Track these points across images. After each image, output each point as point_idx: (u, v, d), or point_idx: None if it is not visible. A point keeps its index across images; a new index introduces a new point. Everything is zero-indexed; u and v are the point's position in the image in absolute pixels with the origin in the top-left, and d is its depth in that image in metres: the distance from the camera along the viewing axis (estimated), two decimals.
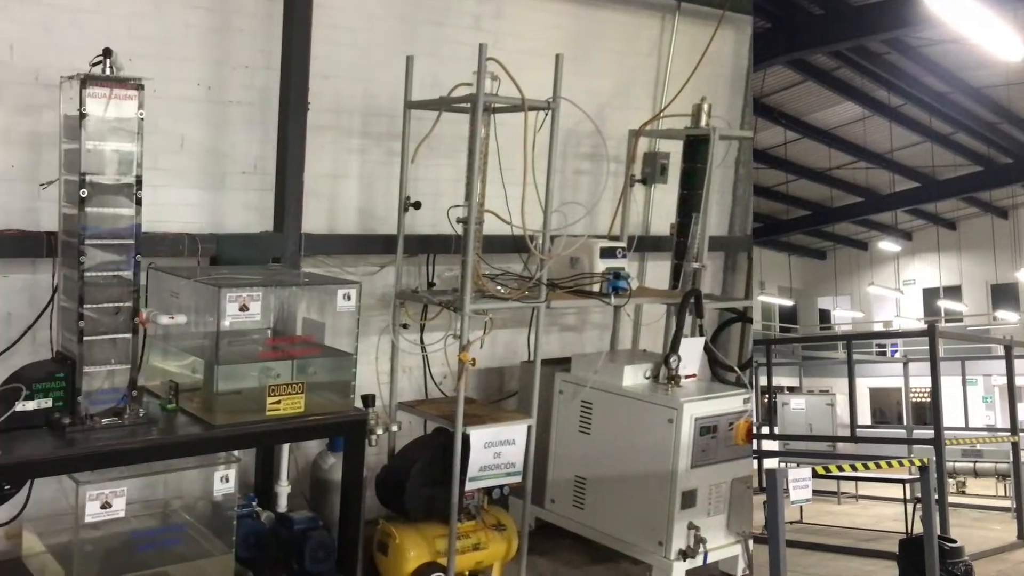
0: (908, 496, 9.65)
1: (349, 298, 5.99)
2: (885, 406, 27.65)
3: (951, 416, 14.41)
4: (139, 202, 5.32)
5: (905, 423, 15.67)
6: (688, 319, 7.51)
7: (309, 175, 7.00)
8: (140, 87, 5.25)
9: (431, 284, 7.69)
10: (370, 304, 7.57)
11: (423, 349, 7.63)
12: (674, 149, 8.43)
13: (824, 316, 33.48)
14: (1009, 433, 11.69)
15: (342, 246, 7.40)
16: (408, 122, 7.03)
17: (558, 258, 7.15)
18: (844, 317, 32.13)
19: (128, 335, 5.41)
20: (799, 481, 6.09)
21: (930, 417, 10.69)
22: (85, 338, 5.24)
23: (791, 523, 10.35)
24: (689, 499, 6.98)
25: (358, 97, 7.49)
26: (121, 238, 5.31)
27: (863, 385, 23.46)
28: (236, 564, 5.94)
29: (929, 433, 10.35)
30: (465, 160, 6.75)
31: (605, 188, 8.60)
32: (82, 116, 5.06)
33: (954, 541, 7.65)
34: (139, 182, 5.32)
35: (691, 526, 6.98)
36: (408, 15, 7.66)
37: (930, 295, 30.56)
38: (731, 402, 7.26)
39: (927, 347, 9.81)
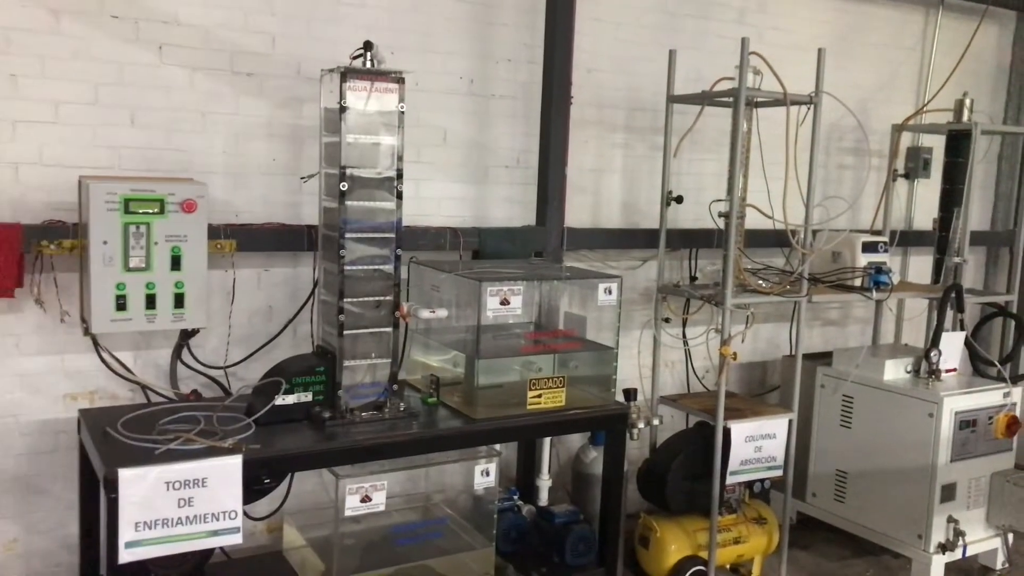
0: None
1: (610, 292, 5.58)
2: None
3: None
4: (400, 195, 4.98)
5: None
6: (949, 314, 7.02)
7: (572, 169, 6.59)
8: (401, 80, 4.90)
9: (693, 278, 7.26)
10: (632, 298, 7.17)
11: (685, 343, 7.21)
12: (937, 144, 7.91)
13: None
14: None
15: (604, 240, 6.96)
16: (670, 116, 6.57)
17: (820, 253, 6.73)
18: None
19: (388, 329, 5.08)
20: None
21: None
22: (345, 332, 4.93)
23: None
24: (948, 492, 6.57)
25: (621, 91, 7.03)
26: (382, 232, 4.99)
27: None
28: (497, 557, 5.63)
29: None
30: (727, 154, 6.32)
31: (867, 182, 8.07)
32: (342, 109, 4.75)
33: None
34: (400, 175, 4.97)
35: (950, 519, 6.56)
36: (672, 8, 7.17)
37: None
38: (991, 396, 6.76)
39: None
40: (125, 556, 4.07)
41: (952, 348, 6.91)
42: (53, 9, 5.05)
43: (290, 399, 4.81)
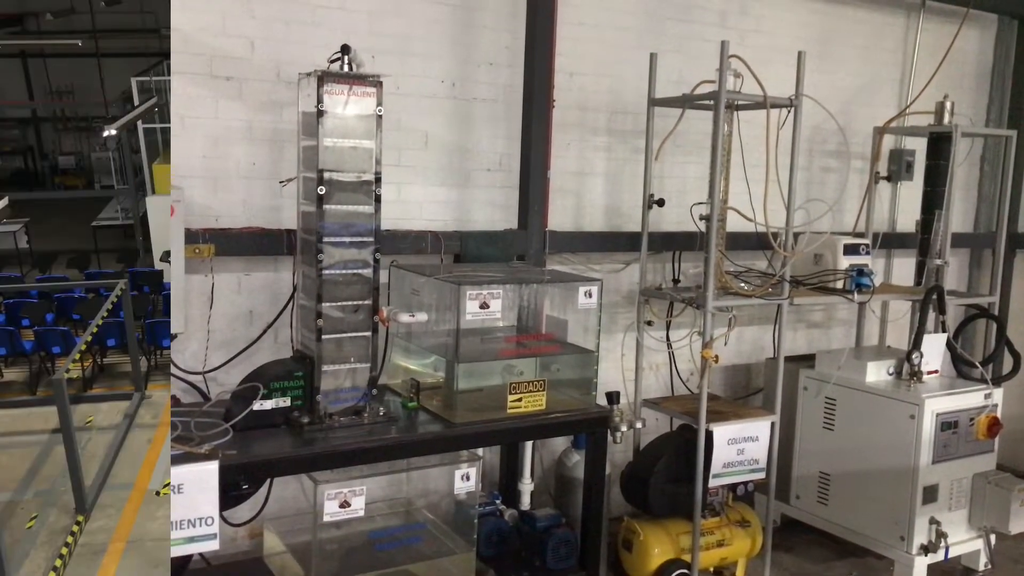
0: None
1: (590, 295, 5.54)
2: None
3: None
4: (378, 199, 4.94)
5: None
6: (932, 316, 6.95)
7: (555, 172, 6.58)
8: (378, 84, 4.86)
9: (676, 281, 7.17)
10: (616, 301, 7.13)
11: (669, 346, 7.18)
12: (920, 146, 7.88)
13: None
14: None
15: (586, 244, 6.92)
16: (652, 119, 6.52)
17: (802, 255, 6.66)
18: None
19: (367, 333, 5.04)
20: None
21: None
22: (324, 336, 4.89)
23: None
24: (930, 494, 6.57)
25: (603, 94, 6.98)
26: (360, 236, 4.95)
27: None
28: (478, 562, 5.59)
29: None
30: (709, 157, 6.24)
31: (849, 185, 8.01)
32: (320, 113, 4.70)
33: None
34: (378, 179, 4.93)
35: (932, 521, 6.57)
36: (654, 12, 7.12)
37: None
38: (972, 397, 6.76)
39: None
40: None
41: (934, 350, 6.89)
42: None
43: (268, 404, 4.77)
